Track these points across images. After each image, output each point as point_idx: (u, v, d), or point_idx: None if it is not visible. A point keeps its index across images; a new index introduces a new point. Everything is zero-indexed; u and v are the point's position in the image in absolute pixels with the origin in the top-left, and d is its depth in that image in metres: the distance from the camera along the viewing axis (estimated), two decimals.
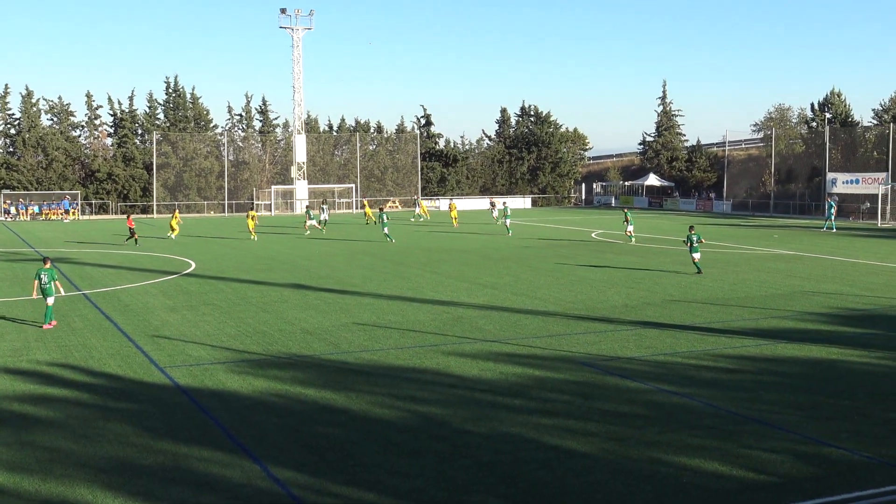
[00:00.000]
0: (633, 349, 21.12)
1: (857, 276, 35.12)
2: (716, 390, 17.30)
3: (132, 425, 15.18)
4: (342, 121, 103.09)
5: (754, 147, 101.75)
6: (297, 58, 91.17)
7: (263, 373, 18.88)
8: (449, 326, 24.05)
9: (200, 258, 41.97)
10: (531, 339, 22.41)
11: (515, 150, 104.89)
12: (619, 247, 47.33)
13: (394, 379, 18.34)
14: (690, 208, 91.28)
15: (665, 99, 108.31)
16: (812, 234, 57.84)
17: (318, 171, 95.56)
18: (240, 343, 22.01)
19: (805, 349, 21.10)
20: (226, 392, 17.34)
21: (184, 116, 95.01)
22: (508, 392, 17.23)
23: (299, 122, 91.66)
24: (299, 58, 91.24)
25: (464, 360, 19.99)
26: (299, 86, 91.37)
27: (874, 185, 73.16)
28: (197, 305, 27.74)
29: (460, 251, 45.30)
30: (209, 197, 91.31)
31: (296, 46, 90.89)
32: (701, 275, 35.03)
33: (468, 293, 30.24)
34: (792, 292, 30.36)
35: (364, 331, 23.44)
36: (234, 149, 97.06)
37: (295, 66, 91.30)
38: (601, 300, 28.71)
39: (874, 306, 27.46)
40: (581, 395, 16.99)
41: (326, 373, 18.88)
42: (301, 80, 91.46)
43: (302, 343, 21.98)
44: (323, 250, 46.16)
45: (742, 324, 24.43)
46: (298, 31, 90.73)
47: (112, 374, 18.94)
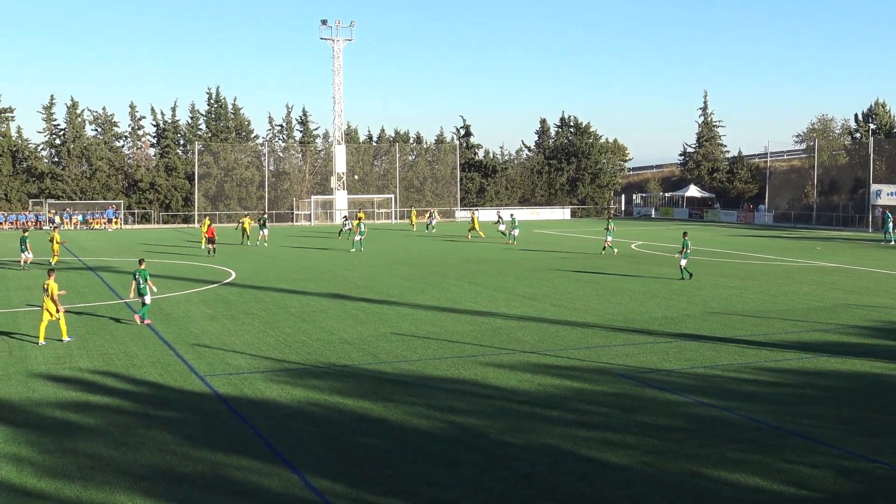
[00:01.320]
0: (672, 361, 20.95)
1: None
2: (757, 404, 17.11)
3: (172, 433, 15.30)
4: (382, 131, 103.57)
5: (797, 158, 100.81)
6: (338, 69, 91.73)
7: (302, 382, 18.94)
8: (487, 337, 24.01)
9: (240, 268, 42.27)
10: (569, 350, 22.31)
11: (555, 160, 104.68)
12: (659, 258, 47.03)
13: (431, 389, 18.33)
14: (731, 220, 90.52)
15: (706, 110, 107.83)
16: (855, 247, 57.10)
17: (357, 181, 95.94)
18: (279, 352, 22.11)
19: (848, 363, 20.81)
20: (265, 401, 17.42)
21: (225, 127, 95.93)
22: (546, 403, 17.16)
23: (339, 132, 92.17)
24: (339, 69, 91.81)
25: (501, 370, 19.94)
26: (339, 97, 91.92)
27: None
28: (237, 315, 27.92)
29: (498, 262, 45.24)
30: (250, 207, 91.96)
31: (336, 58, 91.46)
32: (684, 281, 36.34)
33: (506, 304, 30.18)
34: (835, 305, 29.98)
35: (402, 341, 23.47)
36: (274, 159, 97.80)
37: (335, 77, 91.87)
38: (640, 312, 28.52)
39: None
40: (620, 408, 16.88)
41: (364, 382, 18.91)
42: (341, 91, 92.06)
43: (340, 353, 22.03)
44: (361, 260, 46.31)
45: (784, 337, 24.15)
46: (339, 43, 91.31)
47: (153, 382, 19.11)
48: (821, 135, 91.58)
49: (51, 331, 23.53)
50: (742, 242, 60.21)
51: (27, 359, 21.30)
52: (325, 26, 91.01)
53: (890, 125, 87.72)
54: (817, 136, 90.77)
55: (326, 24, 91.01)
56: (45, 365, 20.65)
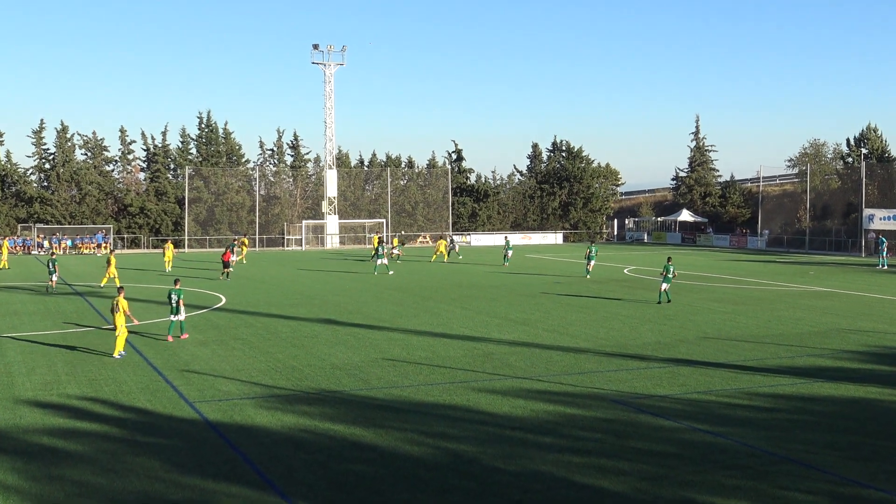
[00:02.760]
0: (666, 387, 20.95)
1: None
2: (751, 429, 17.10)
3: (161, 460, 15.22)
4: (373, 156, 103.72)
5: (789, 182, 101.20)
6: (329, 93, 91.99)
7: (292, 408, 18.89)
8: (479, 363, 23.98)
9: (231, 293, 42.18)
10: (562, 375, 22.29)
11: (547, 185, 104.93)
12: (652, 283, 47.08)
13: (423, 415, 18.29)
14: (724, 244, 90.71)
15: (698, 134, 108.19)
16: (848, 271, 57.26)
17: (349, 205, 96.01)
18: (269, 378, 22.04)
19: (842, 388, 20.83)
20: (255, 427, 17.35)
21: (216, 151, 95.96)
22: (539, 430, 17.12)
23: (330, 156, 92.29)
24: (331, 93, 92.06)
25: (494, 396, 19.91)
26: (331, 121, 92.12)
27: None
28: (227, 340, 27.85)
29: (490, 286, 45.25)
30: (240, 232, 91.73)
31: (328, 82, 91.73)
32: (660, 305, 36.92)
33: (499, 329, 30.16)
34: (828, 330, 30.03)
35: (394, 367, 23.42)
36: (265, 183, 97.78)
37: (327, 101, 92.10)
38: (633, 337, 28.53)
39: None
40: (613, 434, 16.85)
41: (356, 409, 18.86)
42: (332, 115, 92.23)
43: (331, 379, 21.98)
44: (352, 286, 46.28)
45: (777, 362, 24.18)
46: (330, 67, 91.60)
47: (141, 408, 19.03)
48: (813, 159, 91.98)
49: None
50: (735, 267, 60.35)
51: (14, 385, 21.19)
52: (316, 51, 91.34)
53: (882, 150, 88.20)
54: (809, 160, 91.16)
55: (318, 49, 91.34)
56: (33, 391, 20.54)
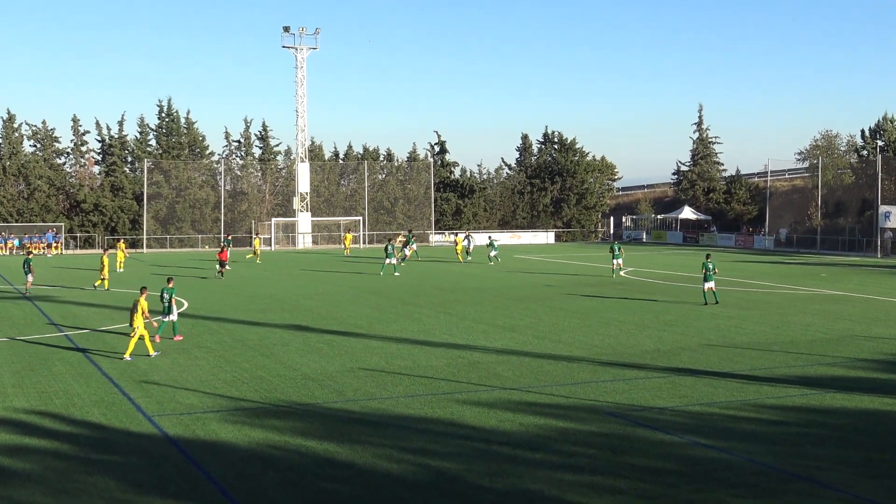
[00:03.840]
0: (666, 398, 21.01)
1: None
2: (758, 444, 17.16)
3: (117, 479, 15.15)
4: (349, 148, 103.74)
5: (799, 177, 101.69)
6: (301, 80, 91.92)
7: (261, 422, 18.84)
8: (464, 373, 23.99)
9: (193, 297, 42.05)
10: (554, 386, 22.33)
11: (538, 180, 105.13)
12: (651, 286, 47.24)
13: (403, 430, 18.28)
14: (729, 244, 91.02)
15: (701, 125, 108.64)
16: (863, 273, 57.59)
17: (322, 202, 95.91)
18: (235, 390, 21.99)
19: (856, 399, 20.94)
20: (219, 443, 17.30)
21: (177, 143, 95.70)
22: (529, 445, 17.14)
23: (302, 149, 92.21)
24: (303, 80, 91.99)
25: (480, 409, 19.92)
26: (303, 110, 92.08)
27: None
28: (189, 348, 27.76)
29: (475, 290, 45.29)
30: (204, 230, 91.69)
31: (299, 67, 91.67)
32: (707, 306, 37.98)
33: (485, 336, 30.19)
34: (841, 336, 30.19)
35: (371, 377, 23.41)
36: (231, 178, 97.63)
37: (298, 88, 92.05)
38: (631, 344, 28.61)
39: None
40: (609, 449, 16.88)
41: (329, 423, 18.83)
42: (305, 103, 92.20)
43: (303, 390, 21.95)
44: (326, 289, 46.24)
45: (786, 371, 24.28)
46: (302, 51, 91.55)
47: (95, 423, 18.94)
48: (825, 152, 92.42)
49: None
50: (741, 269, 60.62)
51: None
52: (287, 33, 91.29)
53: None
54: (821, 153, 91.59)
55: (289, 31, 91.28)
56: None
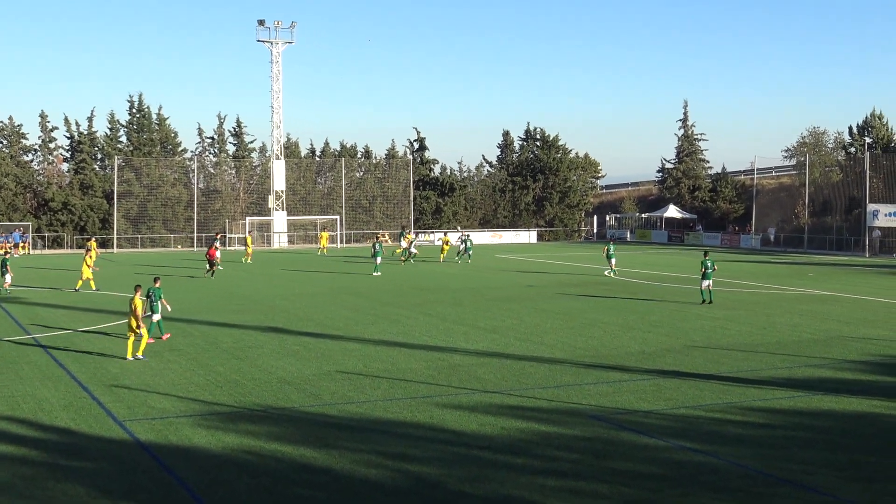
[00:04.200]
0: (650, 401, 21.08)
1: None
2: (744, 448, 17.25)
3: (86, 486, 15.10)
4: (326, 145, 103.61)
5: (786, 175, 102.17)
6: (276, 74, 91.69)
7: (235, 427, 18.80)
8: (444, 375, 24.01)
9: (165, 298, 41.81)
10: (536, 389, 22.37)
11: (519, 177, 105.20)
12: (635, 286, 47.37)
13: (381, 434, 18.28)
14: (715, 243, 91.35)
15: (686, 121, 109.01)
16: (850, 273, 57.92)
17: (298, 200, 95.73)
18: (209, 394, 21.94)
19: (843, 401, 21.07)
20: (192, 449, 17.26)
21: (149, 140, 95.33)
22: (510, 449, 17.17)
23: (278, 145, 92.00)
24: (278, 75, 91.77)
25: (461, 413, 19.94)
26: (278, 106, 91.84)
27: None
28: (161, 351, 27.67)
29: (456, 290, 45.31)
30: (176, 229, 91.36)
31: (275, 62, 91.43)
32: (703, 304, 38.50)
33: (465, 338, 30.21)
34: (829, 337, 30.37)
35: (348, 380, 23.39)
36: (204, 175, 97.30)
37: (273, 83, 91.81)
38: (615, 346, 28.69)
39: None
40: (592, 454, 16.94)
41: (306, 427, 18.81)
42: (280, 99, 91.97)
43: (279, 394, 21.91)
44: (303, 289, 46.16)
45: (773, 373, 24.41)
46: (278, 46, 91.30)
47: (64, 428, 18.86)
48: (812, 149, 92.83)
49: None
50: (727, 268, 60.77)
51: None
52: (262, 27, 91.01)
53: (887, 138, 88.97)
54: (808, 150, 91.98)
55: (264, 25, 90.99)
56: None
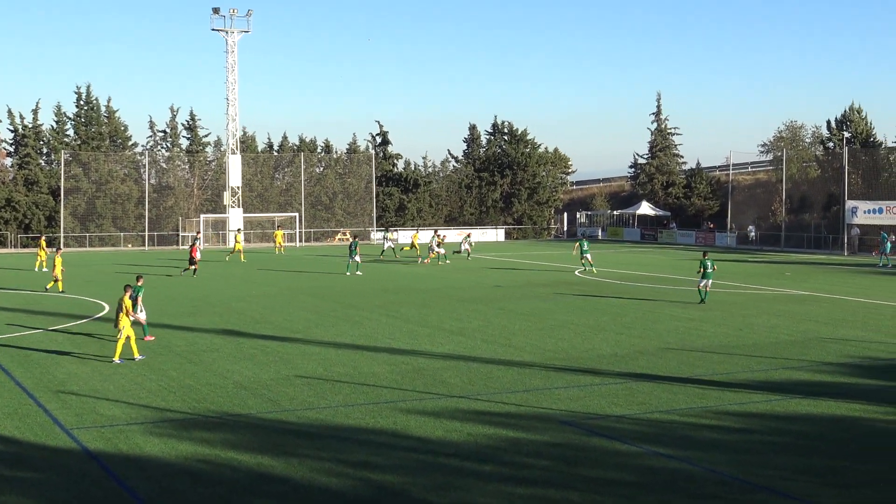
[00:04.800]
0: (623, 406, 21.16)
1: (882, 320, 35.51)
2: (719, 453, 17.35)
3: (32, 497, 14.98)
4: (284, 139, 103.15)
5: (762, 171, 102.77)
6: (232, 65, 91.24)
7: (188, 435, 18.71)
8: (408, 380, 24.00)
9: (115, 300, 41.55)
10: (504, 394, 22.40)
11: (486, 173, 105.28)
12: (608, 286, 47.54)
13: (343, 441, 18.25)
14: (689, 241, 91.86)
15: (659, 115, 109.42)
16: (829, 272, 58.40)
17: (255, 197, 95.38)
18: (161, 400, 21.81)
19: (822, 405, 21.25)
20: (144, 457, 17.16)
21: (97, 133, 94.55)
22: (477, 456, 17.19)
23: (233, 140, 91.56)
24: (234, 65, 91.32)
25: (425, 418, 19.94)
26: (234, 98, 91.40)
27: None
28: (110, 355, 27.47)
29: (421, 291, 45.29)
30: (126, 228, 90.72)
31: (230, 52, 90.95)
32: (702, 304, 39.24)
33: (430, 340, 30.22)
34: (807, 339, 30.61)
35: (308, 385, 23.34)
36: (156, 171, 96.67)
37: (229, 74, 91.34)
38: (586, 348, 28.78)
39: None
40: (563, 460, 16.98)
41: (263, 435, 18.75)
42: (236, 91, 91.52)
43: (235, 400, 21.82)
44: (260, 290, 45.99)
45: (749, 375, 24.57)
46: (233, 35, 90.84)
47: (8, 436, 18.69)
48: (789, 144, 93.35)
49: None
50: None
51: None
52: (217, 15, 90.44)
53: (867, 133, 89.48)
54: (785, 145, 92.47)
55: (219, 13, 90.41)
56: None
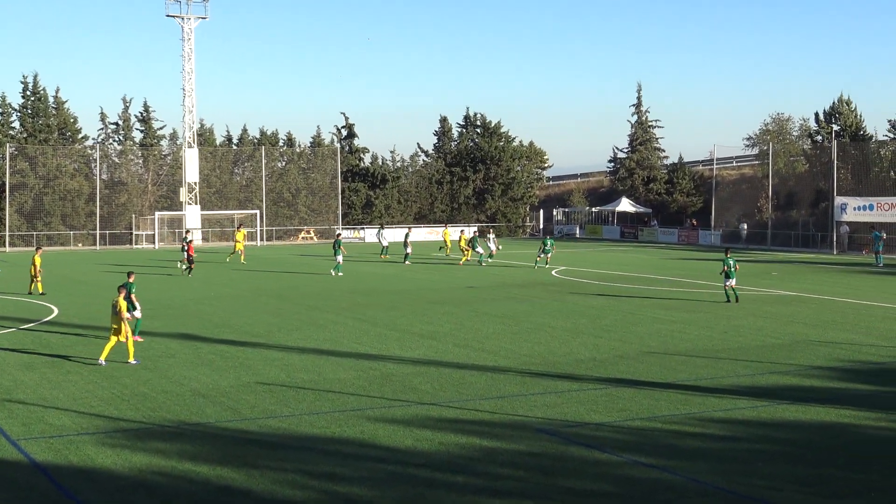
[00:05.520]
0: (602, 413, 21.21)
1: (873, 322, 35.74)
2: (703, 462, 17.42)
3: None
4: (244, 132, 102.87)
5: (748, 165, 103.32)
6: (188, 53, 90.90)
7: (143, 446, 18.62)
8: (376, 386, 23.97)
9: (65, 302, 41.38)
10: (477, 401, 22.40)
11: (458, 168, 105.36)
12: (586, 286, 47.65)
13: (307, 452, 18.21)
14: (671, 240, 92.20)
15: (640, 107, 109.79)
16: (817, 272, 58.75)
17: (213, 193, 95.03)
18: (114, 408, 21.70)
19: (811, 411, 21.36)
20: (96, 470, 17.06)
21: (45, 125, 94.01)
22: (449, 467, 17.19)
23: (190, 132, 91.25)
24: (190, 53, 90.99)
25: (394, 427, 19.92)
26: (191, 88, 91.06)
27: (892, 211, 74.29)
28: (60, 362, 27.33)
29: (389, 293, 45.25)
30: (76, 226, 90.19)
31: (186, 39, 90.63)
32: (731, 304, 40.28)
33: (399, 345, 30.20)
34: (794, 342, 30.78)
35: (270, 392, 23.27)
36: (108, 165, 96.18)
37: (185, 63, 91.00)
38: (564, 352, 28.83)
39: (893, 359, 27.96)
40: (539, 470, 17.00)
41: (223, 445, 18.69)
42: (193, 81, 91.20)
43: (192, 408, 21.74)
44: (220, 292, 45.80)
45: (734, 381, 24.68)
46: (190, 21, 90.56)
47: None
48: (776, 137, 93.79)
49: None
50: (684, 267, 61.42)
51: None
52: (172, 1, 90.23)
53: (856, 126, 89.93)
54: (772, 138, 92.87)
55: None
56: None
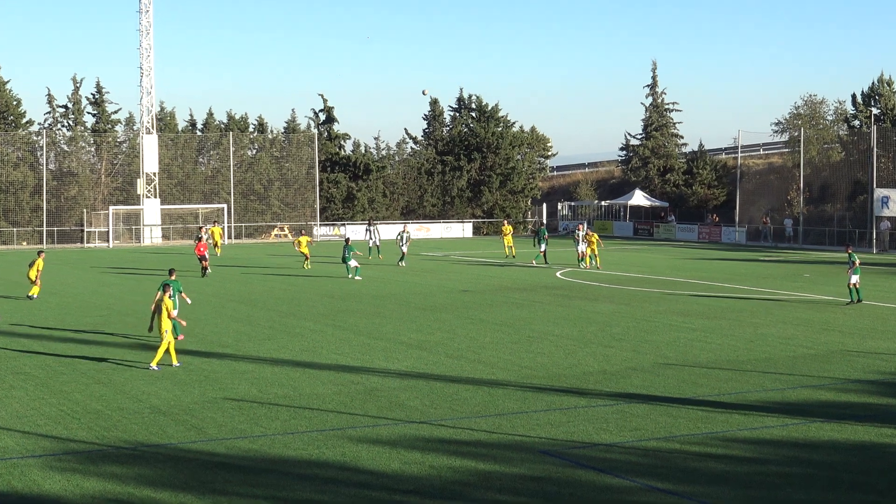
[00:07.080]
0: (613, 432, 21.22)
1: None
2: (727, 488, 17.44)
3: None
4: (209, 116, 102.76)
5: (776, 153, 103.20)
6: (146, 28, 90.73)
7: (97, 469, 18.61)
8: (359, 402, 23.97)
9: (6, 308, 41.33)
10: (473, 419, 22.42)
11: (451, 156, 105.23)
12: (594, 290, 47.65)
13: (282, 476, 18.21)
14: (691, 237, 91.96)
15: (655, 88, 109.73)
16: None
17: (175, 185, 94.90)
18: (63, 428, 21.68)
19: (847, 429, 21.38)
20: (43, 496, 17.05)
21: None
22: (442, 493, 17.20)
23: (149, 116, 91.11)
24: (149, 28, 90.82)
25: (380, 448, 19.93)
26: (149, 67, 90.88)
27: None
28: (2, 375, 27.30)
29: (373, 297, 45.21)
30: (20, 222, 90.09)
31: (144, 12, 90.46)
32: (855, 304, 41.10)
33: (385, 356, 30.20)
34: (829, 352, 30.80)
35: (239, 409, 23.27)
36: (56, 154, 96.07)
37: (143, 38, 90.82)
38: (570, 364, 28.85)
39: None
40: (542, 496, 17.01)
41: (186, 468, 18.68)
42: (151, 59, 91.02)
43: (152, 427, 21.72)
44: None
45: (762, 396, 24.70)
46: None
47: None
48: (808, 122, 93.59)
49: None
50: (706, 268, 61.37)
51: None
52: None
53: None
54: (803, 123, 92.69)
55: None
56: None
